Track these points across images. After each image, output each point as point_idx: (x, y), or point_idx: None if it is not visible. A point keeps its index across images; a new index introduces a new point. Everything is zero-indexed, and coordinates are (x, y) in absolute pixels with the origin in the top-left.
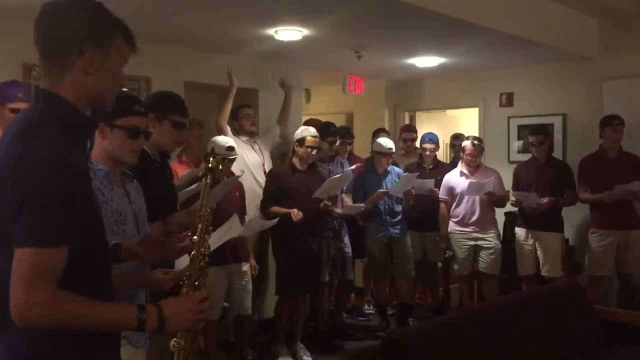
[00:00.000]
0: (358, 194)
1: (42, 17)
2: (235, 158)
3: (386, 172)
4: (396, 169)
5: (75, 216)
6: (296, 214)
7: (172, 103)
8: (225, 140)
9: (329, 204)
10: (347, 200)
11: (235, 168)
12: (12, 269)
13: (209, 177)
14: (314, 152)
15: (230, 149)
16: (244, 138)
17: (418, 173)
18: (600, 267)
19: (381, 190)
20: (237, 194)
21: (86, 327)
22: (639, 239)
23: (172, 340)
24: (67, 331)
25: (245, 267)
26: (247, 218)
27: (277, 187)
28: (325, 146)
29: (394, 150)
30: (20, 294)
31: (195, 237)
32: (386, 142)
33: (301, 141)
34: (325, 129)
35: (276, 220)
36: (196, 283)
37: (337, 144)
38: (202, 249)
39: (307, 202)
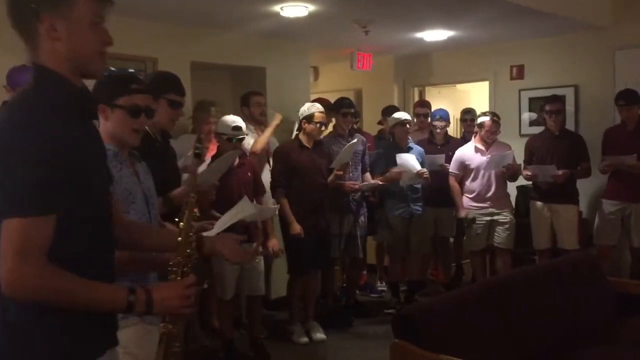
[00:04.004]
0: (377, 169)
1: None
2: (244, 138)
3: (408, 149)
4: (417, 147)
5: (59, 185)
6: (298, 231)
7: (167, 82)
8: (232, 119)
9: (340, 173)
10: (369, 177)
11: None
12: (1, 240)
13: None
14: (323, 127)
15: (237, 128)
16: (252, 127)
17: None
18: (604, 236)
19: (395, 169)
20: (250, 173)
21: (74, 305)
22: None
23: (161, 324)
24: (55, 307)
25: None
26: (265, 198)
27: (285, 164)
28: (339, 119)
29: (409, 119)
30: (8, 265)
31: (182, 223)
32: (401, 113)
33: (309, 118)
34: (336, 103)
35: (277, 207)
36: (184, 269)
37: (352, 117)
38: (190, 235)
39: (315, 179)
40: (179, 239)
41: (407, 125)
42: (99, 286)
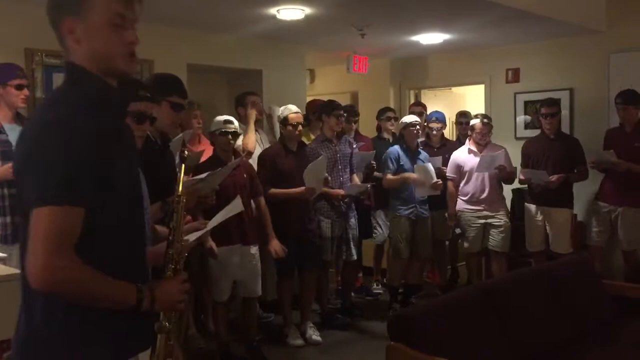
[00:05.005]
0: (386, 168)
1: None
2: (236, 132)
3: (418, 152)
4: (423, 152)
5: (88, 178)
6: (309, 190)
7: (170, 85)
8: (223, 116)
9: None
10: (356, 179)
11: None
12: (29, 230)
13: (182, 166)
14: (299, 128)
15: (228, 122)
16: (246, 127)
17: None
18: (591, 237)
19: (412, 177)
20: (245, 175)
21: (91, 299)
22: (633, 217)
23: (156, 323)
24: (73, 300)
25: (254, 249)
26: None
27: (271, 170)
28: (332, 121)
29: (418, 120)
30: (39, 256)
31: (172, 222)
32: (410, 117)
33: (284, 121)
34: (328, 104)
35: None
36: (177, 267)
37: (344, 117)
38: (180, 234)
39: (301, 182)
40: (170, 238)
41: (418, 127)
42: (115, 282)
